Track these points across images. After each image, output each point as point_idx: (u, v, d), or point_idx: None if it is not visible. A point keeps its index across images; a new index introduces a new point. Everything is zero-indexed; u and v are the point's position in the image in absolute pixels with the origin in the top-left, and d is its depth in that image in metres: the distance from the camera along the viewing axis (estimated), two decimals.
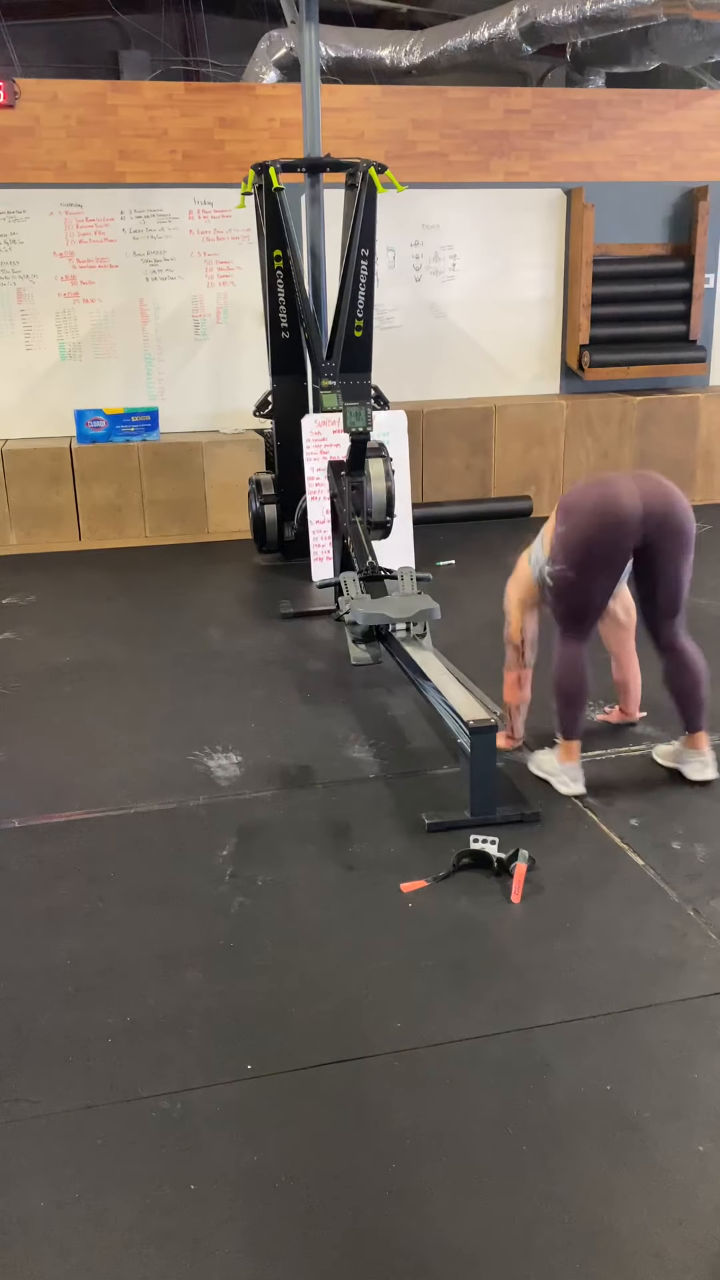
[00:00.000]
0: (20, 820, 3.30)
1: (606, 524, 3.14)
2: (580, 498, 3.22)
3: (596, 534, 3.15)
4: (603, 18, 6.39)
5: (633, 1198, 1.90)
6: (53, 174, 6.58)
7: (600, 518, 3.14)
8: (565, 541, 3.19)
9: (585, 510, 3.17)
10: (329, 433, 5.66)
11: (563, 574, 3.21)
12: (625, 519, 3.14)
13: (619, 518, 3.14)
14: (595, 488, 3.22)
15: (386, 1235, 1.84)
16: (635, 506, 3.15)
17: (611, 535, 3.15)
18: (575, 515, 3.18)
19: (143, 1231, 1.86)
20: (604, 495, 3.17)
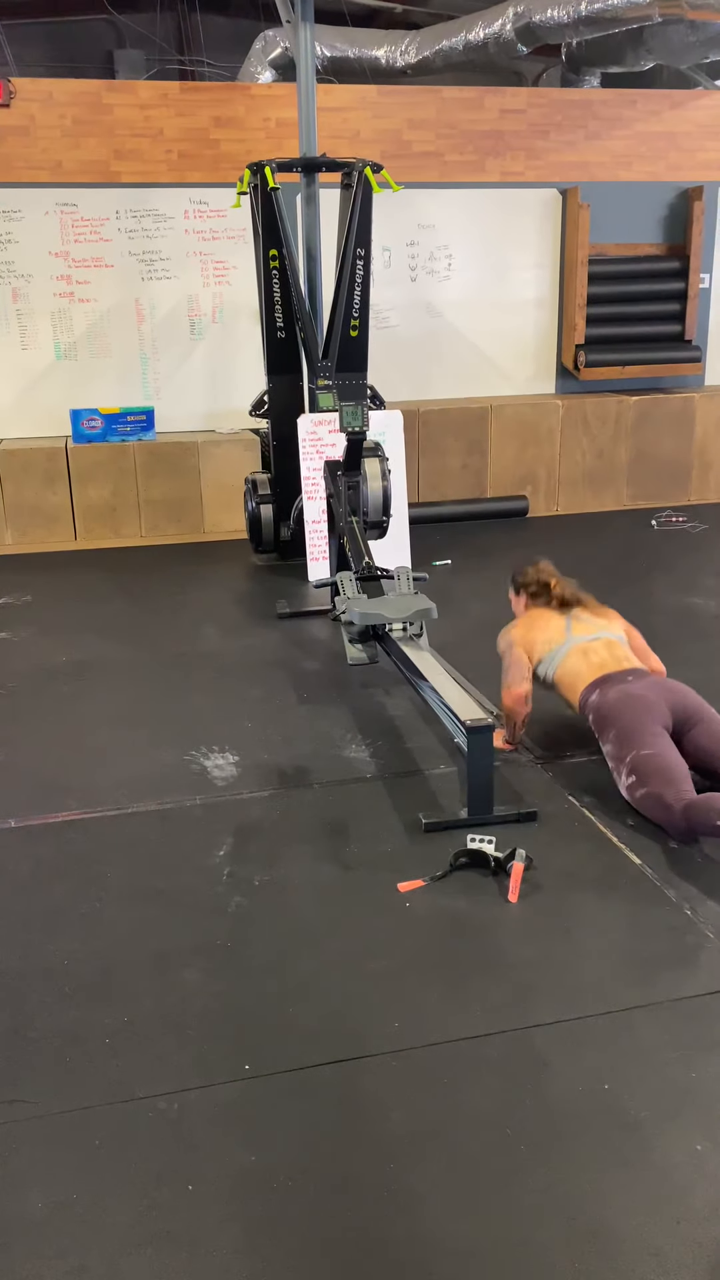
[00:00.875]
0: (17, 820, 3.30)
1: (638, 695, 3.31)
2: (606, 702, 3.36)
3: (634, 699, 3.30)
4: (598, 18, 6.40)
5: (631, 1197, 1.90)
6: (48, 173, 6.57)
7: (632, 695, 3.31)
8: (615, 726, 3.27)
9: (616, 700, 3.32)
10: (325, 432, 5.66)
11: (637, 757, 3.17)
12: (655, 701, 3.30)
13: (649, 699, 3.30)
14: (618, 691, 3.37)
15: (384, 1235, 1.84)
16: (659, 696, 3.33)
17: (648, 699, 3.30)
18: (610, 708, 3.32)
19: (140, 1232, 1.86)
20: (629, 692, 3.34)
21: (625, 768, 3.18)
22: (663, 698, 3.32)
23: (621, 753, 3.21)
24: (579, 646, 3.55)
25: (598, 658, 3.51)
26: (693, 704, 3.35)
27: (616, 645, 3.58)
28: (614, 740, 3.25)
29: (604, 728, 3.32)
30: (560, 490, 7.37)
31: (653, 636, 3.85)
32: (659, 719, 3.25)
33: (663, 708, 3.28)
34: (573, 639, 3.58)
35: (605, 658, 3.51)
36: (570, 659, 3.53)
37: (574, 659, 3.53)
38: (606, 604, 3.80)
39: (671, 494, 7.50)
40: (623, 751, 3.20)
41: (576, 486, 7.38)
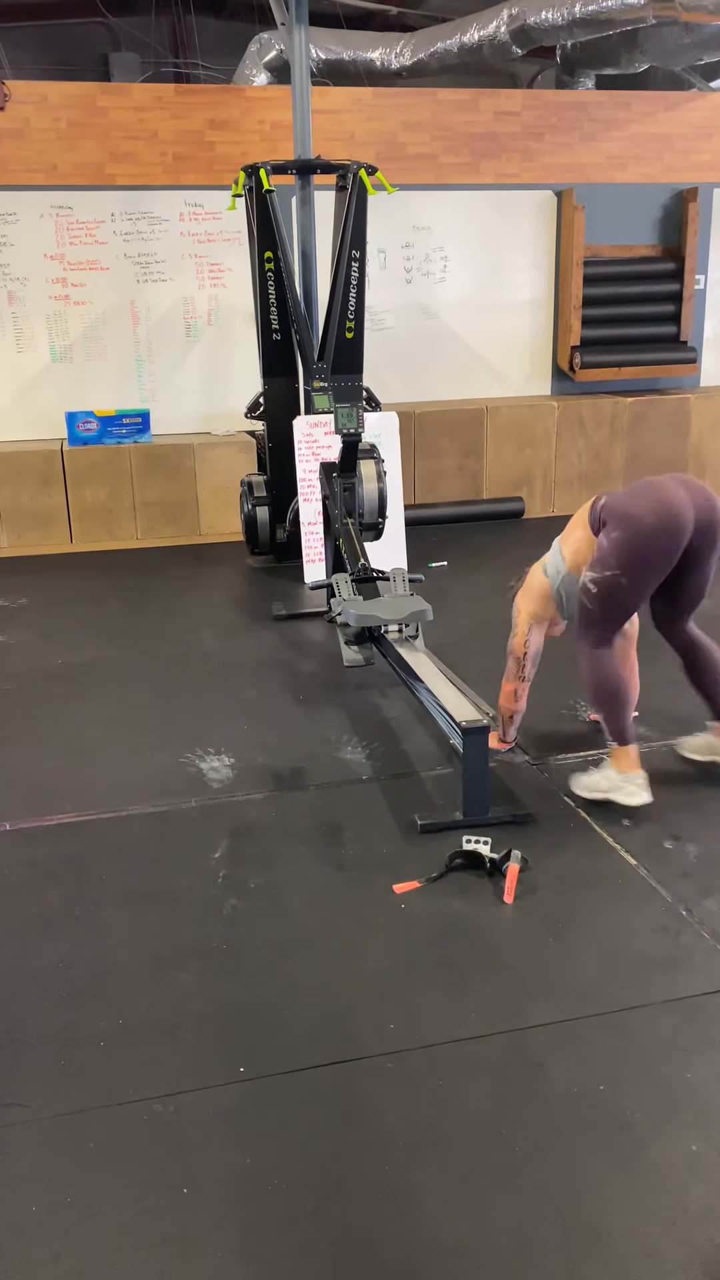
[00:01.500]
0: (12, 823, 3.29)
1: (670, 530, 3.13)
2: (638, 505, 3.17)
3: (659, 540, 3.13)
4: (592, 20, 6.41)
5: (626, 1198, 1.90)
6: (43, 176, 6.57)
7: (665, 523, 3.12)
8: (623, 546, 3.14)
9: (647, 517, 3.13)
10: (321, 434, 5.66)
11: (613, 579, 3.16)
12: (685, 525, 3.14)
13: (681, 524, 3.14)
14: (652, 494, 3.19)
15: (380, 1237, 1.84)
16: (689, 512, 3.16)
17: (674, 541, 3.15)
18: (636, 521, 3.14)
19: (136, 1235, 1.86)
20: (665, 502, 3.15)
21: (600, 569, 3.17)
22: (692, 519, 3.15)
23: (609, 561, 3.15)
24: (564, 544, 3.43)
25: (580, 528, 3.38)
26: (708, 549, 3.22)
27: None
28: (616, 551, 3.15)
29: (621, 528, 3.16)
30: (556, 491, 7.38)
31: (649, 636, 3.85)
32: (668, 560, 3.17)
33: (688, 533, 3.14)
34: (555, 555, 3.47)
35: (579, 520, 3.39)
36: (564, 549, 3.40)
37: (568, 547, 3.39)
38: None
39: None
40: (611, 562, 3.15)
41: (572, 487, 7.38)
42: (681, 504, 3.15)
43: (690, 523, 3.15)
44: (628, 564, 3.15)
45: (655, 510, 3.14)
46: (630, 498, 3.22)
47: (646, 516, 3.13)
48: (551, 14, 6.59)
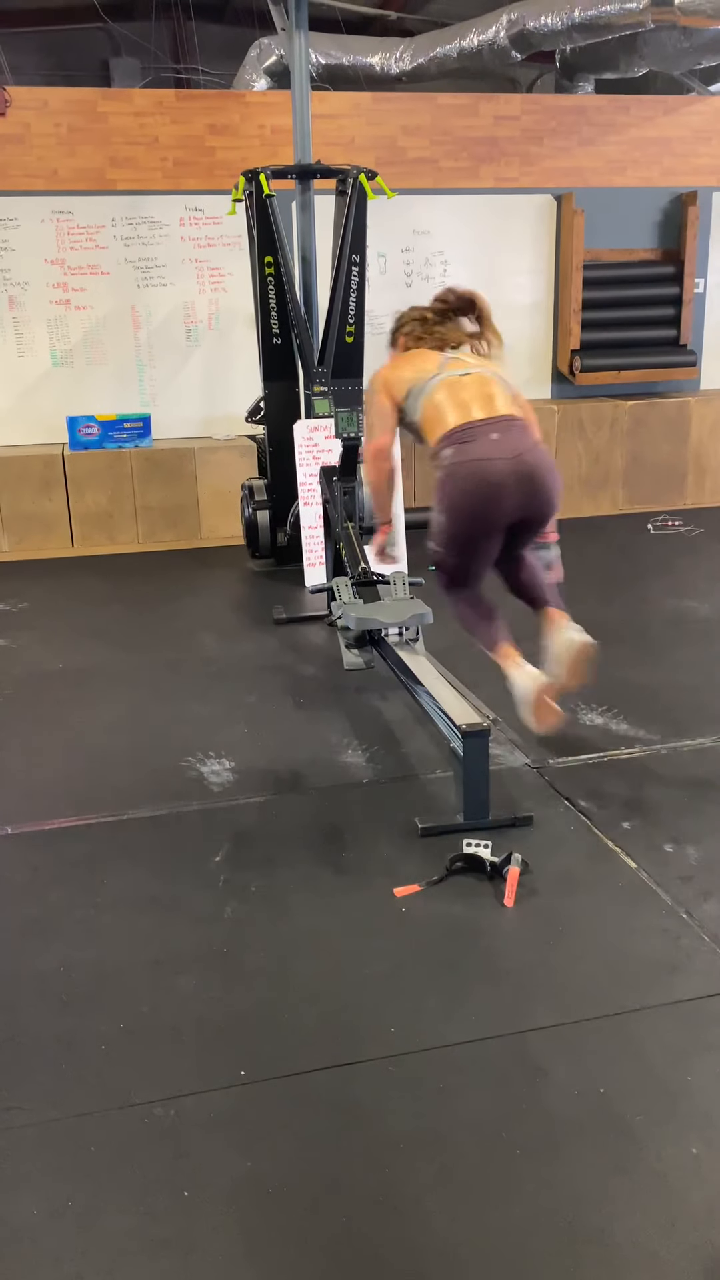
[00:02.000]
0: (13, 827, 3.30)
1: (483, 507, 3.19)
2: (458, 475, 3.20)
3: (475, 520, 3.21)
4: (591, 24, 6.43)
5: (627, 1201, 1.90)
6: (43, 181, 6.59)
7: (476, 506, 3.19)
8: (444, 522, 3.22)
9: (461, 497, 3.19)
10: (321, 438, 5.67)
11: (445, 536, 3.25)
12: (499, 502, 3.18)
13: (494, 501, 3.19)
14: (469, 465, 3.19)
15: (380, 1241, 1.84)
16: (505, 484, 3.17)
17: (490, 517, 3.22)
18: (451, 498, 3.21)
19: (136, 1239, 1.86)
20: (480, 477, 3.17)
21: (436, 545, 3.25)
22: (515, 491, 3.15)
23: (440, 535, 3.22)
24: (448, 380, 3.29)
25: (467, 393, 3.26)
26: (534, 513, 3.23)
27: (491, 382, 3.33)
28: (443, 519, 3.19)
29: (442, 495, 3.20)
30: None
31: (649, 639, 3.85)
32: (497, 526, 3.17)
33: (509, 506, 3.15)
34: (445, 372, 3.33)
35: (476, 394, 3.27)
36: (437, 392, 3.28)
37: (441, 392, 3.27)
38: (606, 611, 3.77)
39: (667, 498, 7.51)
40: (442, 537, 3.21)
41: (572, 491, 7.39)
42: (507, 463, 3.15)
43: (514, 495, 3.15)
44: (455, 535, 3.21)
45: (473, 475, 3.15)
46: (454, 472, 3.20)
47: (464, 480, 3.16)
48: (550, 19, 6.61)
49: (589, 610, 3.74)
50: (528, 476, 3.19)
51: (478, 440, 3.20)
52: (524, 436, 3.24)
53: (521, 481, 3.17)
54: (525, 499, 3.20)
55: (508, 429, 3.22)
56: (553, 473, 3.26)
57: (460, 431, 3.24)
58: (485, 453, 3.17)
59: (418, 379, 3.35)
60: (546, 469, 3.24)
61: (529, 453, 3.21)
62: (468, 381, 3.30)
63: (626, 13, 6.23)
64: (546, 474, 3.23)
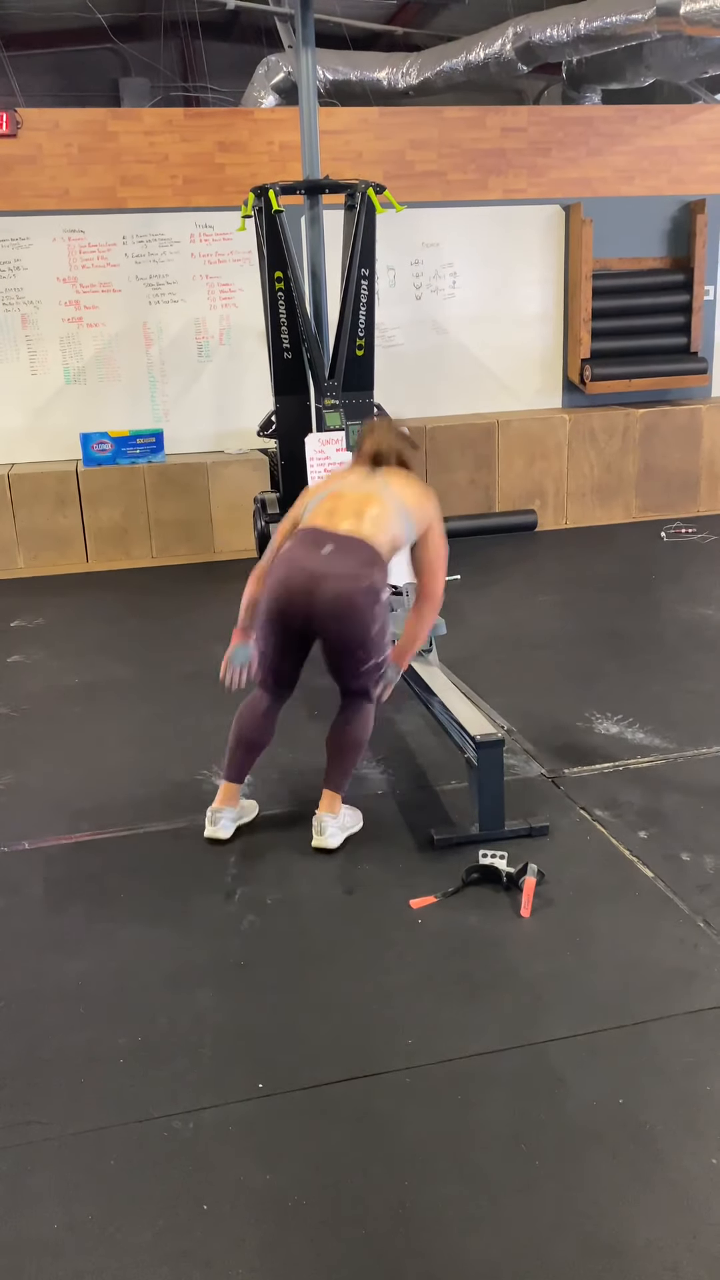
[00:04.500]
0: (30, 842, 3.31)
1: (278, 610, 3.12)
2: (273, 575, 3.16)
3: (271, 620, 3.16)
4: (597, 36, 6.45)
5: (647, 1211, 1.89)
6: (55, 201, 6.65)
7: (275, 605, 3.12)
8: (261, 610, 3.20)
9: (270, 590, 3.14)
10: (332, 451, 5.69)
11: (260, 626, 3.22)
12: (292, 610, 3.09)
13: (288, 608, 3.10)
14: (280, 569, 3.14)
15: (400, 1252, 1.84)
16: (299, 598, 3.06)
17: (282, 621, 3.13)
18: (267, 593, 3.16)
19: (156, 1252, 1.86)
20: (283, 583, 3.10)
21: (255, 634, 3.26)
22: (303, 607, 3.05)
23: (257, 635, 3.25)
24: (338, 491, 3.21)
25: (338, 505, 3.17)
26: (331, 639, 3.11)
27: (375, 502, 3.14)
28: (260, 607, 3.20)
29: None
30: (569, 504, 7.38)
31: (662, 647, 3.84)
32: (283, 632, 3.14)
33: (294, 618, 3.08)
34: (346, 484, 3.23)
35: (345, 507, 3.15)
36: (324, 501, 3.20)
37: (325, 501, 3.20)
38: (620, 619, 3.71)
39: (680, 505, 7.50)
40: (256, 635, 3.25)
41: (585, 500, 7.39)
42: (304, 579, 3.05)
43: (301, 604, 3.06)
44: (260, 619, 3.20)
45: (279, 572, 3.13)
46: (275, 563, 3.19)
47: (275, 571, 3.16)
48: (556, 31, 6.64)
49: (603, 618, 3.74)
50: (325, 600, 3.04)
51: (309, 546, 3.10)
52: (354, 565, 3.05)
53: (316, 600, 3.04)
54: (316, 618, 3.07)
55: (346, 549, 3.07)
56: (354, 610, 3.05)
57: (306, 531, 3.16)
58: (301, 560, 3.08)
59: (324, 489, 3.29)
60: (347, 604, 3.04)
61: (340, 580, 3.03)
62: (354, 496, 3.19)
63: (632, 23, 6.25)
64: (344, 608, 3.04)
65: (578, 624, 3.41)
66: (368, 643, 3.11)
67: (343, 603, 3.03)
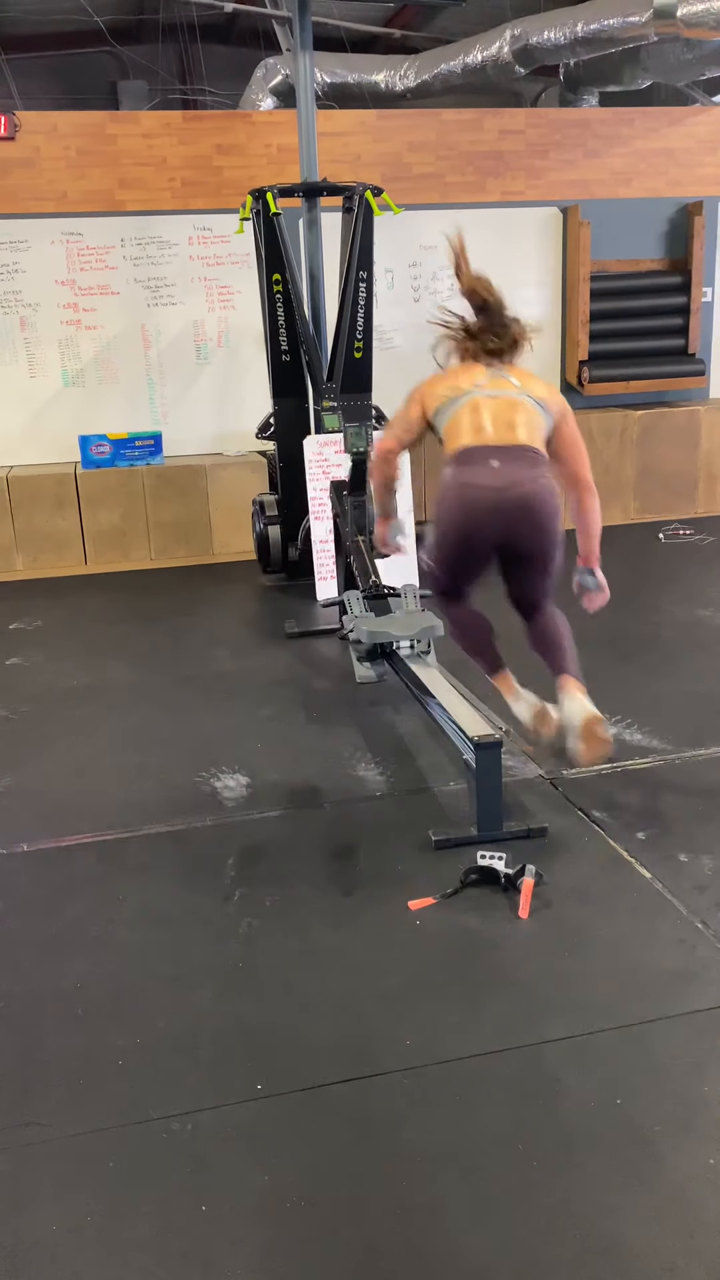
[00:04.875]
0: (29, 844, 3.32)
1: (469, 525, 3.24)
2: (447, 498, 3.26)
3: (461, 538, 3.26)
4: (594, 38, 6.47)
5: (644, 1212, 1.90)
6: (53, 204, 6.66)
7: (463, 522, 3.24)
8: (437, 531, 3.28)
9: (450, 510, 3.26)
10: (331, 453, 5.70)
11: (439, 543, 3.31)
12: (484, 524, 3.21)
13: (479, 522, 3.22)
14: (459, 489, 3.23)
15: (398, 1253, 1.84)
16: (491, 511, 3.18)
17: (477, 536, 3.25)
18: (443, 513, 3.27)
19: (155, 1253, 1.86)
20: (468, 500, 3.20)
21: (431, 555, 3.28)
22: (498, 521, 3.12)
23: (431, 548, 3.28)
24: (475, 400, 3.20)
25: (483, 418, 3.17)
26: (525, 547, 3.19)
27: (518, 408, 3.20)
28: (434, 533, 3.24)
29: (436, 510, 3.22)
30: (566, 505, 7.37)
31: (661, 649, 3.85)
32: (479, 550, 3.18)
33: (490, 534, 3.14)
34: (477, 390, 3.24)
35: (492, 419, 3.17)
36: (462, 410, 3.20)
37: (465, 410, 3.20)
38: (619, 621, 3.73)
39: (678, 507, 7.51)
40: (433, 550, 3.28)
41: None
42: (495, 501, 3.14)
43: (498, 527, 3.15)
44: (445, 557, 3.27)
45: (460, 501, 3.18)
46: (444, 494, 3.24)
47: (452, 504, 3.21)
48: (554, 33, 6.65)
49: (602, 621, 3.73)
50: (515, 508, 3.11)
51: (476, 464, 3.16)
52: (526, 469, 3.14)
53: (507, 512, 3.11)
54: (510, 530, 3.14)
55: (512, 458, 3.14)
56: (546, 508, 3.16)
57: (466, 451, 3.21)
58: (476, 479, 3.14)
59: (451, 395, 3.29)
60: (539, 503, 3.13)
61: (522, 485, 3.11)
62: (494, 404, 3.21)
63: (629, 26, 6.27)
64: (537, 508, 3.13)
65: (575, 625, 3.41)
66: (559, 541, 3.22)
67: (535, 505, 3.11)
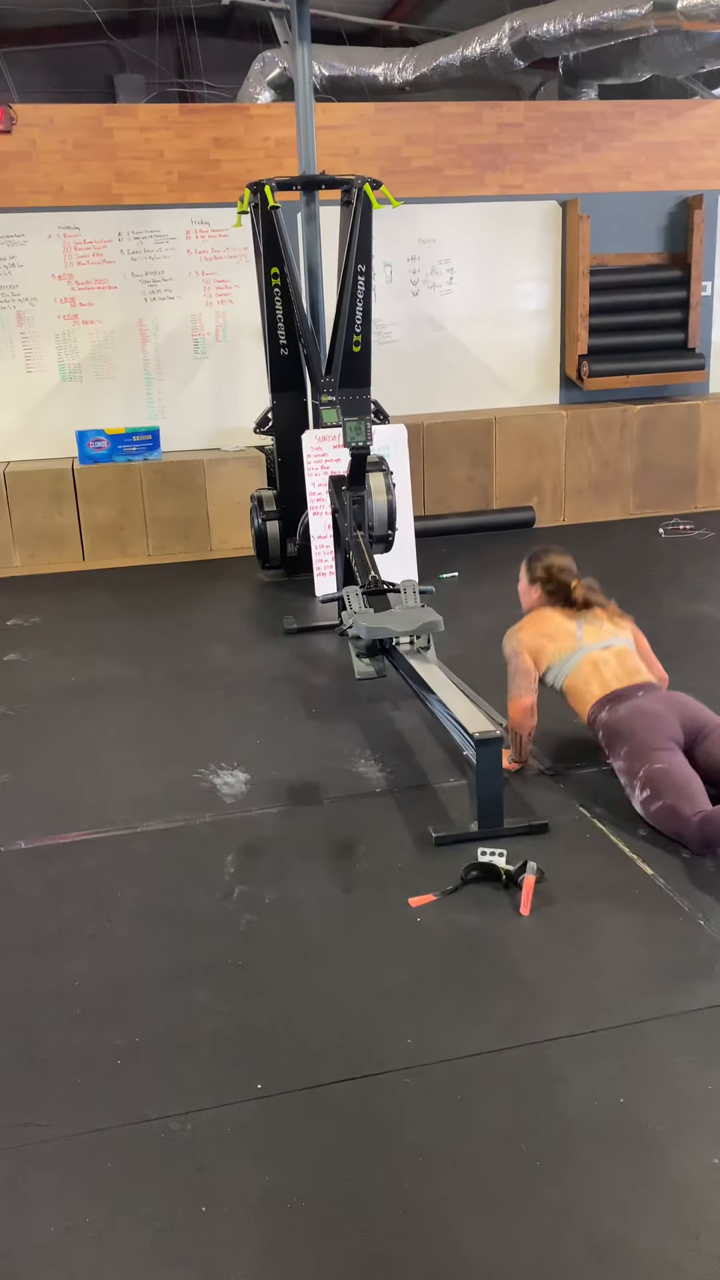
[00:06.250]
0: (27, 842, 3.30)
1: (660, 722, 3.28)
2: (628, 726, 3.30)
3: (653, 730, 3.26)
4: (594, 31, 6.43)
5: (648, 1212, 1.88)
6: (50, 197, 6.62)
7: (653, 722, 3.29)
8: (631, 755, 3.22)
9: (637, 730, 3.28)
10: (329, 448, 5.67)
11: (649, 771, 3.16)
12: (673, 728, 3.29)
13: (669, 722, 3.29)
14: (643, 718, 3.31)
15: (400, 1254, 1.83)
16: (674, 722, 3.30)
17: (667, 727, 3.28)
18: (632, 736, 3.26)
19: (154, 1255, 1.85)
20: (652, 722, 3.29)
21: (639, 782, 3.16)
22: (673, 710, 3.30)
23: (634, 767, 3.18)
24: (590, 657, 3.49)
25: (609, 671, 3.45)
26: (701, 716, 3.33)
27: (628, 655, 3.52)
28: (626, 756, 3.22)
29: (615, 743, 3.29)
30: (566, 500, 7.37)
31: (661, 645, 3.84)
32: (669, 733, 3.23)
33: (673, 721, 3.26)
34: (584, 647, 3.51)
35: (617, 671, 3.45)
36: (581, 669, 3.47)
37: (585, 669, 3.47)
38: None
39: (678, 502, 7.49)
40: (635, 766, 3.18)
41: (582, 496, 7.37)
42: (656, 702, 3.33)
43: (673, 715, 3.29)
44: (640, 750, 3.20)
45: (631, 710, 3.30)
46: (614, 719, 3.33)
47: (626, 716, 3.30)
48: (553, 26, 6.61)
49: None
50: (674, 699, 3.39)
51: (628, 699, 3.38)
52: (662, 692, 3.47)
53: (670, 703, 3.37)
54: (682, 713, 3.34)
55: (651, 690, 3.43)
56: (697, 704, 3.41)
57: (611, 697, 3.40)
58: (638, 704, 3.35)
59: (560, 654, 3.51)
60: (691, 702, 3.41)
61: (670, 695, 3.44)
62: (609, 656, 3.49)
63: (629, 18, 6.23)
64: (692, 704, 3.40)
65: None
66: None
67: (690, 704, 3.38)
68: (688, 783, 3.09)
